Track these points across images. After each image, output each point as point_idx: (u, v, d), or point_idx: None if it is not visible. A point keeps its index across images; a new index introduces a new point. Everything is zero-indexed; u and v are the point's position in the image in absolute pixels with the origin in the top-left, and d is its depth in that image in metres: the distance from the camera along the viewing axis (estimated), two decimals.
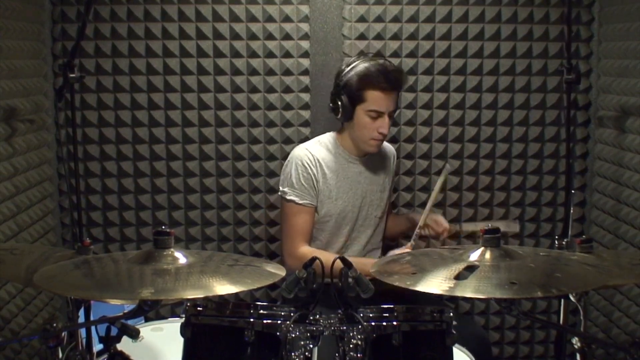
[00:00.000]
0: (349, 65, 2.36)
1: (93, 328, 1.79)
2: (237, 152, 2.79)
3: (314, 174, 2.39)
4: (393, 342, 1.57)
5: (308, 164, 2.39)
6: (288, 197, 2.40)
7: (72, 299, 1.83)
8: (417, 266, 1.67)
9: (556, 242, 2.15)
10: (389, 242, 2.72)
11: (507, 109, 2.83)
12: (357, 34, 2.74)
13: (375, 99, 2.31)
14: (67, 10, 2.64)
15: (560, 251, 2.07)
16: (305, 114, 2.79)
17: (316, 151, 2.43)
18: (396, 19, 2.74)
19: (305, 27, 2.73)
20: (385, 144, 2.62)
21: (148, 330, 2.23)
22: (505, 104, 2.83)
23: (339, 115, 2.38)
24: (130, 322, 1.65)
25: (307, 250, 2.37)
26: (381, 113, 2.33)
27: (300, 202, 2.39)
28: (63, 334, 1.54)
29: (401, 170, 2.84)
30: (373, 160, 2.52)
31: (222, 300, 1.68)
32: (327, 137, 2.50)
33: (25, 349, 2.40)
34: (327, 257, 1.92)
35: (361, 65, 2.33)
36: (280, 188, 2.45)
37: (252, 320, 1.59)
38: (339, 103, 2.36)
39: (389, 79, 2.30)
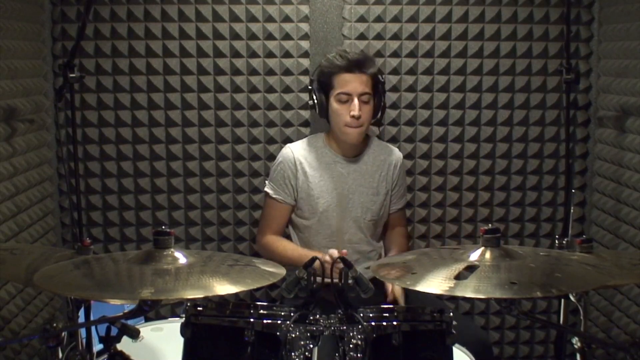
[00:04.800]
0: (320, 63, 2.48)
1: (93, 328, 1.80)
2: (237, 152, 2.79)
3: (292, 173, 2.46)
4: (393, 342, 1.57)
5: (287, 163, 2.47)
6: (265, 189, 2.53)
7: (72, 299, 1.83)
8: (417, 266, 1.67)
9: (556, 242, 2.15)
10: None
11: (507, 108, 2.83)
12: (357, 34, 2.74)
13: (340, 81, 2.38)
14: (67, 10, 2.64)
15: (560, 251, 2.07)
16: (305, 113, 2.79)
17: (300, 151, 2.49)
18: (396, 19, 2.74)
19: (305, 27, 2.73)
20: (392, 149, 2.61)
21: (148, 330, 2.23)
22: (505, 103, 2.83)
23: (317, 110, 2.46)
24: (130, 322, 1.65)
25: (270, 239, 2.50)
26: (349, 95, 2.37)
27: (274, 195, 2.49)
28: (63, 334, 1.54)
29: None
30: (368, 162, 2.52)
31: (222, 300, 1.68)
32: (318, 137, 2.56)
33: (25, 349, 2.40)
34: (285, 245, 2.42)
35: (326, 57, 2.46)
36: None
37: (252, 320, 1.59)
38: (314, 98, 2.45)
39: (347, 59, 2.38)
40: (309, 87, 2.50)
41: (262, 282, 1.56)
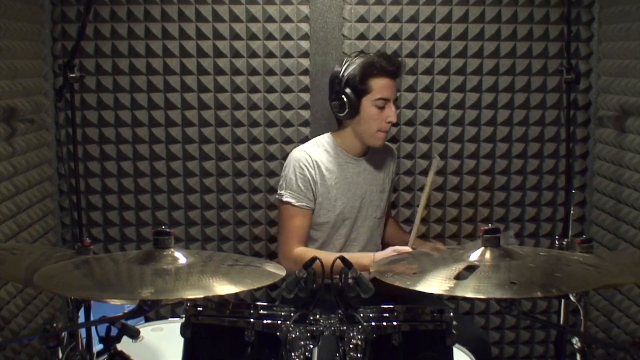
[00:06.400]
0: (346, 62, 2.38)
1: (93, 328, 1.80)
2: (237, 152, 2.79)
3: (312, 176, 2.39)
4: (393, 342, 1.57)
5: (306, 166, 2.39)
6: (285, 199, 2.39)
7: (72, 299, 1.83)
8: (417, 266, 1.67)
9: (556, 242, 2.15)
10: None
11: (507, 108, 2.83)
12: (357, 34, 2.74)
13: (381, 87, 2.34)
14: (67, 10, 2.64)
15: (560, 251, 2.07)
16: (305, 113, 2.79)
17: (314, 153, 2.43)
18: (396, 19, 2.74)
19: (305, 27, 2.73)
20: (387, 145, 2.63)
21: (148, 330, 2.23)
22: (505, 103, 2.83)
23: (345, 112, 2.37)
24: (130, 322, 1.65)
25: (301, 251, 2.37)
26: (387, 100, 2.35)
27: (297, 204, 2.39)
28: (63, 334, 1.54)
29: (401, 170, 2.84)
30: (372, 161, 2.52)
31: (222, 300, 1.68)
32: (325, 138, 2.50)
33: (25, 349, 2.40)
34: (325, 256, 1.94)
35: (361, 59, 2.36)
36: (278, 191, 2.44)
37: (252, 320, 1.58)
38: (344, 100, 2.35)
39: (392, 64, 2.35)
40: (336, 89, 2.38)
41: (262, 282, 1.56)
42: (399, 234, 2.71)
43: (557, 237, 2.17)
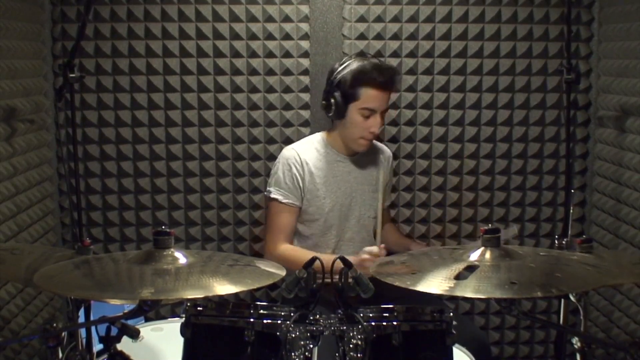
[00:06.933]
0: (343, 63, 2.38)
1: (93, 328, 1.80)
2: (237, 152, 2.79)
3: (300, 174, 2.41)
4: (393, 342, 1.57)
5: (294, 164, 2.41)
6: (272, 196, 2.43)
7: (72, 299, 1.83)
8: (417, 266, 1.67)
9: (556, 242, 2.15)
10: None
11: (507, 108, 2.83)
12: (357, 34, 2.74)
13: (369, 96, 2.33)
14: (67, 10, 2.64)
15: (560, 251, 2.07)
16: (305, 113, 2.79)
17: (303, 151, 2.45)
18: (396, 19, 2.74)
19: (305, 27, 2.73)
20: (380, 145, 2.63)
21: (148, 330, 2.23)
22: (505, 103, 2.83)
23: (331, 113, 2.40)
24: (130, 322, 1.65)
25: (286, 248, 2.42)
26: (373, 111, 2.34)
27: (284, 201, 2.42)
28: (63, 334, 1.54)
29: (401, 170, 2.84)
30: (364, 160, 2.53)
31: (222, 300, 1.68)
32: (317, 137, 2.52)
33: (25, 349, 2.40)
34: (305, 255, 2.08)
35: (356, 64, 2.35)
36: (267, 188, 2.49)
37: (252, 320, 1.59)
38: (332, 101, 2.37)
39: (383, 76, 2.32)
40: (327, 90, 2.40)
41: (262, 282, 1.56)
42: (399, 240, 2.69)
43: (557, 237, 2.17)
